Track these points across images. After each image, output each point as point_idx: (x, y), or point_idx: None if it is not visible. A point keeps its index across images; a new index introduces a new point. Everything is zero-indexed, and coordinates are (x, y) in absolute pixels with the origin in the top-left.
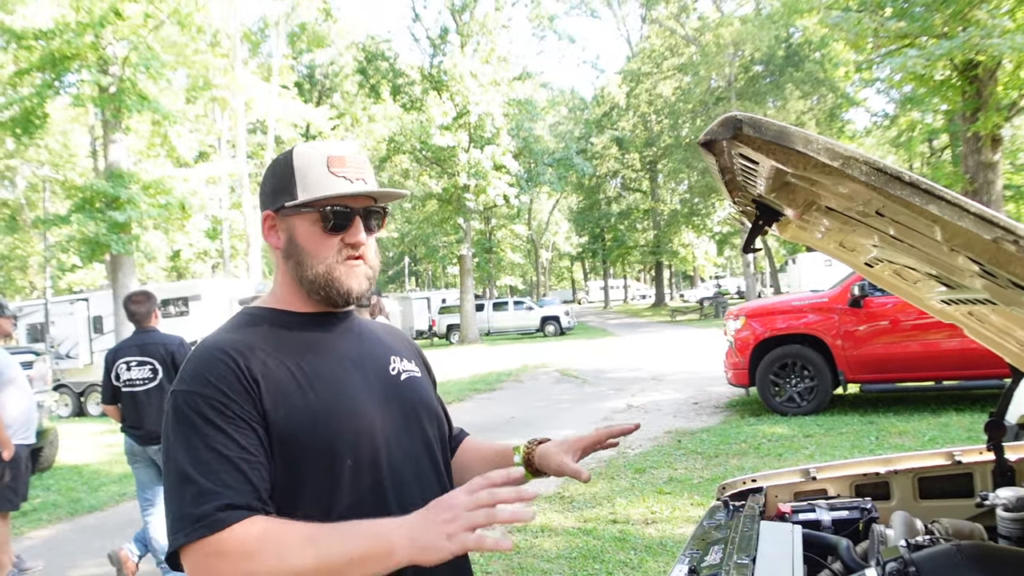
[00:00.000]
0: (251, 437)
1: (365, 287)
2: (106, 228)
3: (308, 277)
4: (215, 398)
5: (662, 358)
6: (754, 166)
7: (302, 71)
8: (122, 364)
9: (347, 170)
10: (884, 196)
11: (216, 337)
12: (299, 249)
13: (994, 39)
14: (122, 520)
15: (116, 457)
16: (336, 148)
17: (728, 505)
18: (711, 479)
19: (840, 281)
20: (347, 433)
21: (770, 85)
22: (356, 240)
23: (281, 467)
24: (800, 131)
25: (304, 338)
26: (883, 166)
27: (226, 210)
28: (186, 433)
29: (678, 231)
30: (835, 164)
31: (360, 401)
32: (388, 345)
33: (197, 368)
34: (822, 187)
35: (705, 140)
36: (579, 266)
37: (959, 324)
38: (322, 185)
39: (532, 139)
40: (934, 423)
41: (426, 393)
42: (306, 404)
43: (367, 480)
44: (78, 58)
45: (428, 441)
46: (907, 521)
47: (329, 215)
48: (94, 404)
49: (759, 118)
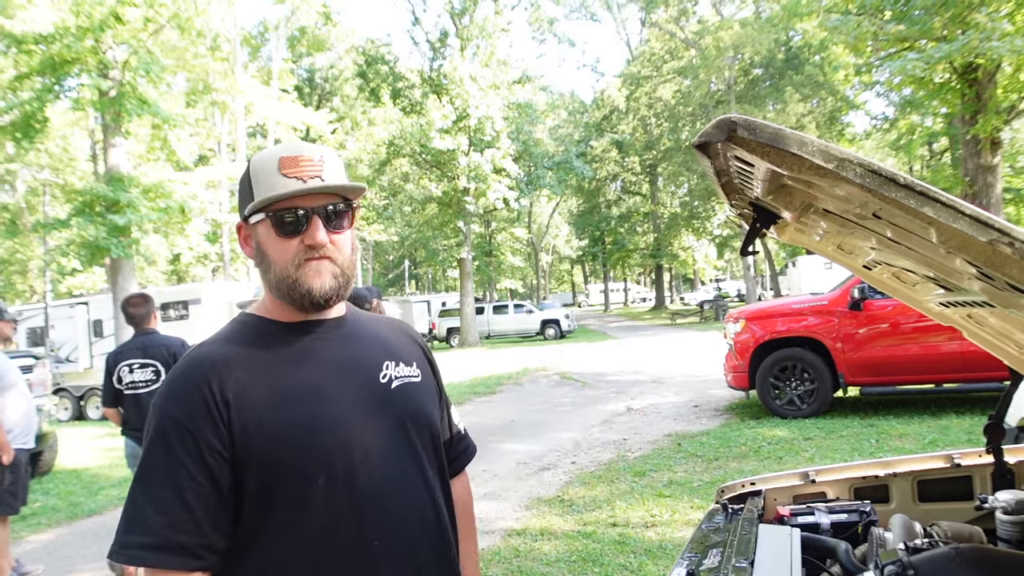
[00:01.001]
0: (203, 475)
1: (330, 285)
2: (106, 232)
3: (273, 283)
4: (182, 423)
5: (662, 361)
6: (750, 168)
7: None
8: (124, 367)
9: (300, 170)
10: (879, 199)
11: (200, 351)
12: (264, 255)
13: (993, 42)
14: None
15: (115, 461)
16: (289, 149)
17: (727, 508)
18: (711, 482)
19: (840, 284)
20: (319, 448)
21: (770, 88)
22: (315, 240)
23: (251, 491)
24: (795, 133)
25: (287, 349)
26: (878, 168)
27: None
28: (153, 449)
29: (678, 234)
30: (830, 167)
31: (338, 414)
32: (384, 348)
33: (174, 386)
34: (819, 189)
35: (700, 142)
36: (579, 269)
37: (958, 327)
38: (273, 188)
39: (532, 142)
40: (934, 426)
41: (420, 401)
42: (277, 421)
43: (342, 498)
44: (78, 62)
45: (416, 453)
46: (906, 524)
47: (280, 218)
48: (94, 408)
49: (754, 120)
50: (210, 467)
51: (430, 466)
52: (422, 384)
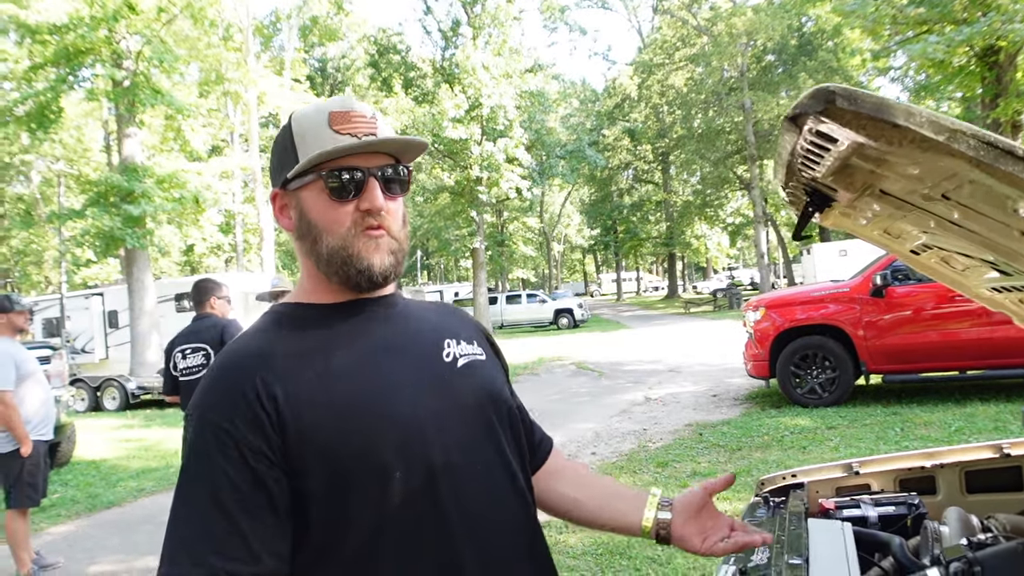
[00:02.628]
0: (248, 487)
1: (389, 263)
2: (121, 222)
3: (323, 255)
4: (221, 426)
5: (678, 350)
6: (827, 145)
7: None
8: (178, 352)
9: (354, 126)
10: (989, 172)
11: (237, 345)
12: (310, 225)
13: (1016, 24)
14: (141, 515)
15: (133, 452)
16: (338, 103)
17: (768, 501)
18: (736, 473)
19: (861, 271)
20: (388, 438)
21: (783, 75)
22: (373, 205)
23: (318, 496)
24: (900, 103)
25: (335, 331)
26: (994, 140)
27: (239, 204)
28: (190, 459)
29: (691, 222)
30: (940, 139)
31: (403, 397)
32: (441, 326)
33: (213, 385)
34: (890, 168)
35: (794, 114)
36: (591, 258)
37: (1008, 312)
38: (324, 144)
39: (544, 131)
40: (959, 413)
41: (492, 379)
42: (335, 411)
43: (421, 494)
44: (92, 52)
45: (496, 438)
46: (962, 517)
47: (336, 176)
48: (110, 399)
49: (855, 90)
50: (258, 477)
51: (511, 453)
52: (488, 362)
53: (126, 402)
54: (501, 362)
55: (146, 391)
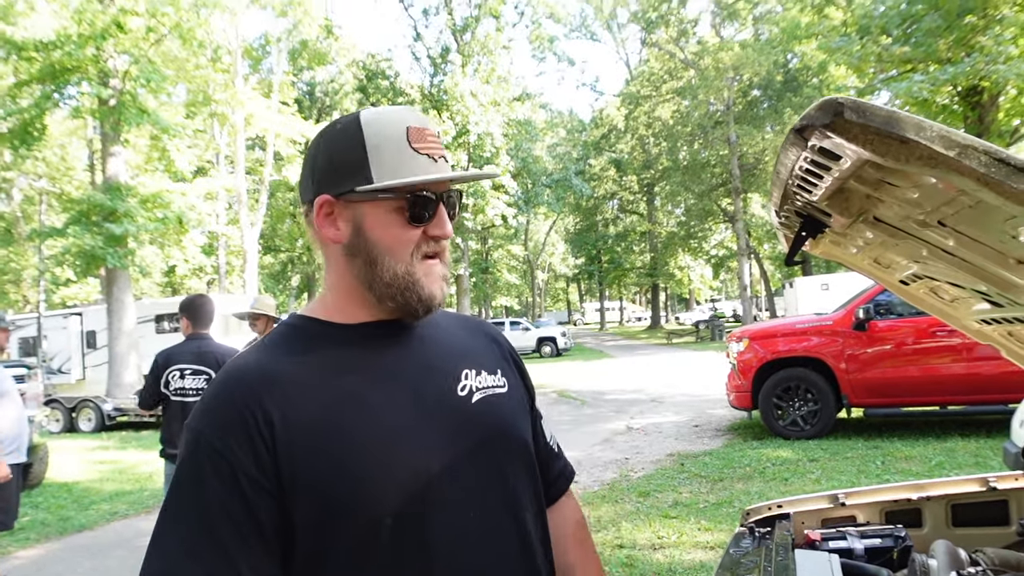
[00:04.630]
0: (242, 513)
1: (442, 292)
2: (102, 241)
3: (384, 279)
4: (217, 448)
5: (660, 380)
6: (828, 164)
7: (302, 88)
8: (175, 371)
9: (429, 145)
10: (999, 191)
11: (241, 361)
12: (371, 244)
13: (999, 65)
14: (113, 540)
15: (107, 475)
16: (413, 117)
17: (754, 532)
18: (717, 503)
19: (844, 304)
20: (383, 480)
21: (768, 110)
22: (443, 231)
23: (303, 529)
24: (911, 116)
25: (345, 357)
26: (1006, 156)
27: (223, 225)
28: (183, 479)
29: (674, 254)
30: (951, 154)
31: (407, 435)
32: (462, 353)
33: (212, 403)
34: (887, 192)
35: (801, 126)
36: (575, 287)
37: (995, 344)
38: (406, 166)
39: (531, 159)
40: (939, 448)
41: (509, 418)
42: (332, 446)
43: (412, 541)
44: (78, 70)
45: (506, 484)
46: (950, 551)
47: (417, 202)
48: (85, 420)
49: (864, 103)
50: (250, 501)
51: (523, 497)
52: (509, 395)
53: (102, 424)
54: (527, 389)
55: (123, 412)
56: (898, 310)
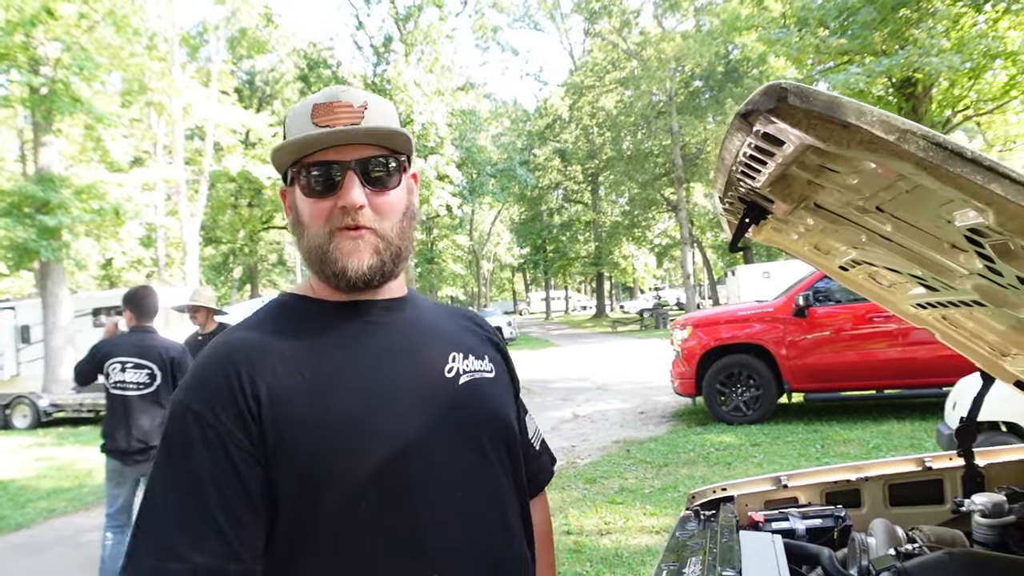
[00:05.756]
0: (233, 482)
1: (369, 264)
2: (35, 234)
3: (304, 254)
4: (205, 418)
5: (606, 368)
6: (772, 150)
7: (242, 77)
8: (116, 363)
9: (335, 117)
10: (936, 175)
11: (230, 335)
12: (298, 223)
13: (932, 58)
14: (52, 538)
15: (44, 472)
16: (325, 94)
17: (699, 515)
18: (662, 488)
19: (784, 292)
20: (368, 456)
21: (710, 100)
22: (347, 201)
23: (287, 503)
24: (852, 101)
25: (330, 333)
26: (943, 141)
27: (162, 217)
28: (171, 450)
29: (619, 243)
30: (890, 138)
31: (393, 413)
32: (450, 337)
33: (199, 375)
34: (827, 179)
35: (746, 111)
36: (520, 277)
37: (930, 328)
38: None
39: (475, 149)
40: (876, 431)
41: (494, 400)
42: (317, 420)
43: (397, 519)
44: (7, 58)
45: (490, 465)
46: (888, 529)
47: (308, 173)
48: (20, 417)
49: (807, 88)
50: (240, 472)
51: (506, 482)
52: (495, 381)
53: (37, 420)
54: (512, 380)
55: (60, 408)
56: (836, 297)
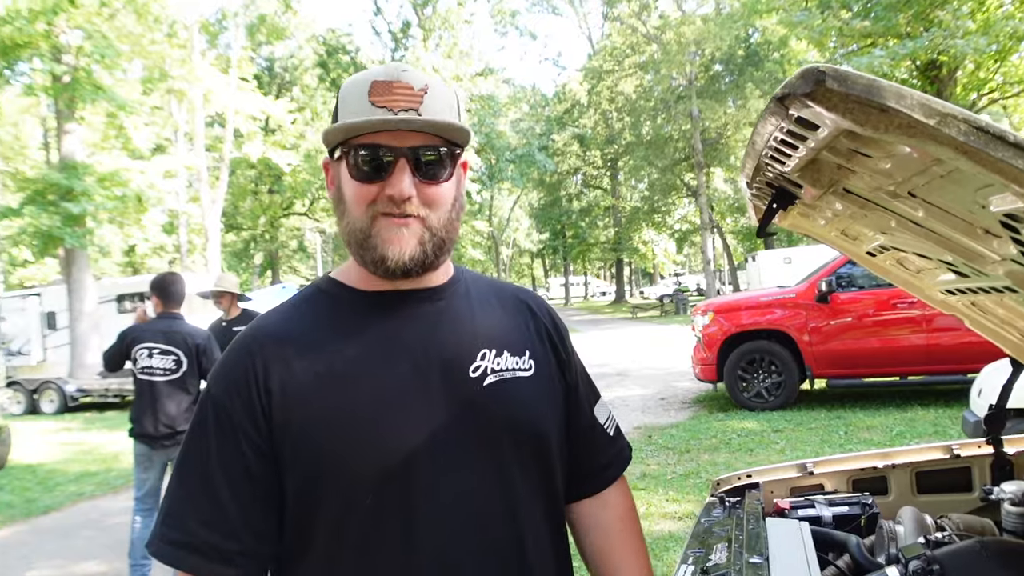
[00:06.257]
0: (238, 468)
1: (411, 254)
2: (60, 221)
3: (345, 236)
4: (222, 404)
5: (626, 354)
6: (804, 134)
7: (261, 64)
8: (143, 349)
9: (393, 98)
10: (977, 159)
11: (259, 323)
12: (341, 201)
13: (957, 40)
14: (80, 521)
15: (72, 456)
16: (386, 72)
17: (724, 501)
18: (684, 474)
19: (807, 277)
20: (372, 460)
21: (731, 84)
22: (395, 191)
23: (292, 495)
24: (892, 84)
25: (356, 327)
26: (984, 125)
27: (184, 204)
28: (192, 431)
29: (638, 228)
30: (931, 122)
31: (401, 414)
32: (486, 330)
33: (224, 362)
34: (859, 163)
35: (782, 94)
36: (539, 263)
37: (958, 314)
38: (357, 117)
39: (494, 135)
40: (900, 418)
41: (523, 404)
42: (324, 420)
43: (396, 525)
44: (30, 47)
45: (508, 476)
46: (917, 517)
47: (358, 155)
48: (48, 402)
49: (845, 71)
50: (247, 460)
51: (525, 491)
52: (532, 380)
53: (64, 405)
54: (563, 370)
55: (86, 393)
56: (860, 282)
